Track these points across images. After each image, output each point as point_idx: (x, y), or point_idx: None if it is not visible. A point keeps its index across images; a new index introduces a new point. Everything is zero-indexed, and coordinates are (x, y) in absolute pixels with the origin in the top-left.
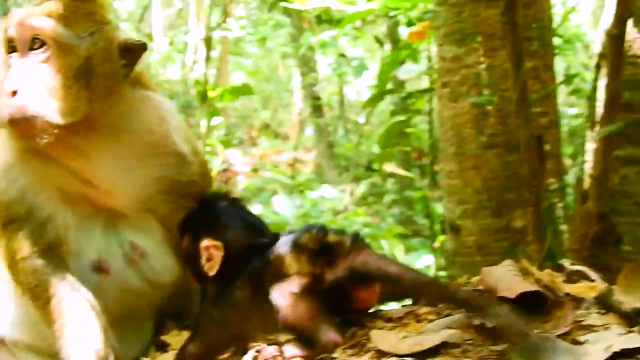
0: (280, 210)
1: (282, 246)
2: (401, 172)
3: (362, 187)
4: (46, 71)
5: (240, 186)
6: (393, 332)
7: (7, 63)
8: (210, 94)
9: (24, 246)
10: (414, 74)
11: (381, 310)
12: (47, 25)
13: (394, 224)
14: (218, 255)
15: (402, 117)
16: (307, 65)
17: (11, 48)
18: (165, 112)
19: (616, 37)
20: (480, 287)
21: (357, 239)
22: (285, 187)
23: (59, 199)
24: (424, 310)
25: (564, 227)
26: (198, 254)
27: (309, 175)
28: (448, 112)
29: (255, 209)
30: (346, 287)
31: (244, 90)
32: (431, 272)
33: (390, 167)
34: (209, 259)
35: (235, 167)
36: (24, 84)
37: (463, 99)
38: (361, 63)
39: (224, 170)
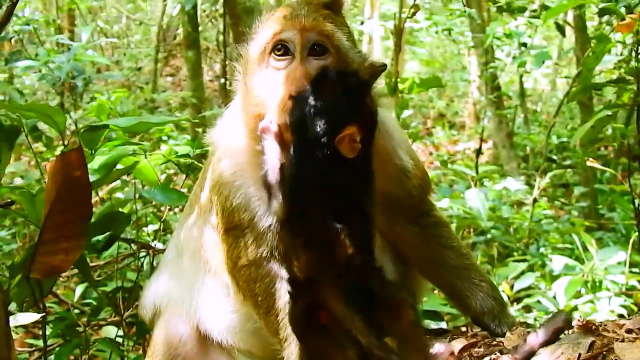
0: (473, 205)
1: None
2: (601, 167)
3: (546, 179)
4: None
5: None
6: (635, 343)
7: (272, 64)
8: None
9: (247, 254)
10: (610, 64)
11: (617, 320)
12: (334, 33)
13: (580, 217)
14: None
15: (608, 112)
16: (487, 54)
17: (280, 50)
18: (390, 127)
19: None
20: None
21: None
22: (465, 179)
23: None
24: None
25: None
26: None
27: (490, 166)
28: None
29: (442, 203)
30: None
31: (434, 82)
32: (625, 269)
33: (592, 162)
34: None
35: None
36: None
37: None
38: (543, 52)
39: None
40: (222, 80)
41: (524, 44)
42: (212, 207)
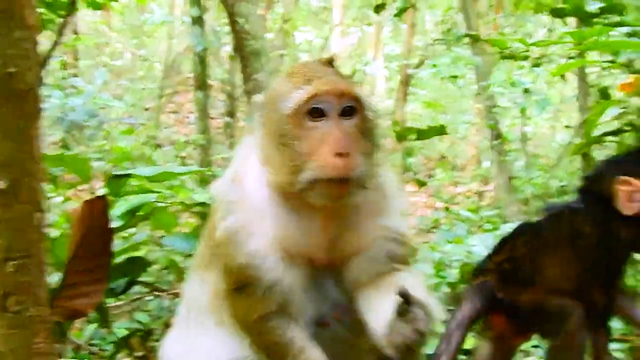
0: (477, 250)
1: None
2: None
3: None
4: (358, 136)
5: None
6: None
7: (308, 124)
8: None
9: (256, 309)
10: (609, 116)
11: None
12: (362, 94)
13: None
14: None
15: None
16: (490, 100)
17: (317, 113)
18: (386, 177)
19: None
20: None
21: None
22: (466, 222)
23: (285, 261)
24: None
25: None
26: None
27: (490, 210)
28: None
29: (447, 247)
30: None
31: (438, 130)
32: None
33: None
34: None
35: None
36: (351, 148)
37: None
38: (545, 98)
39: None
40: (228, 119)
41: (527, 90)
42: (216, 266)
